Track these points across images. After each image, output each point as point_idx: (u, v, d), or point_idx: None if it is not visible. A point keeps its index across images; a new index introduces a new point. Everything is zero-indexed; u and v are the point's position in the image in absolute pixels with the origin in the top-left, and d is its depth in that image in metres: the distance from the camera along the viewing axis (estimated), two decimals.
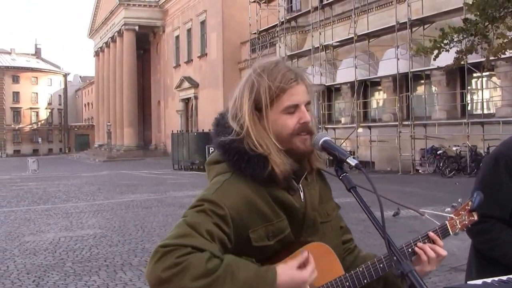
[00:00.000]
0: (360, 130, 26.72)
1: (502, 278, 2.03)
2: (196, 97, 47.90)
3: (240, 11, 39.90)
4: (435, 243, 1.73)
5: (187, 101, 50.19)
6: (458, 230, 1.83)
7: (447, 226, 1.80)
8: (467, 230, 1.85)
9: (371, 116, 27.84)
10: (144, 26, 57.05)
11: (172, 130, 40.29)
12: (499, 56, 16.04)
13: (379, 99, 28.29)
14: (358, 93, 26.47)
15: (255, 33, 36.64)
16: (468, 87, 22.69)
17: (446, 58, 16.84)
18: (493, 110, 21.61)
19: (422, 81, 24.22)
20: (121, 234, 10.28)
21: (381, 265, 1.66)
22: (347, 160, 1.56)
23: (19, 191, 20.46)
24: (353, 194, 1.56)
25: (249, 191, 1.61)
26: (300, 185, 1.70)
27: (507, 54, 16.19)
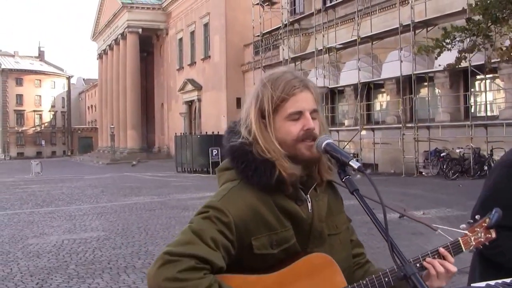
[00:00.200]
0: (364, 133, 26.70)
1: (506, 281, 2.02)
2: (200, 100, 47.93)
3: (244, 14, 39.92)
4: (445, 259, 1.69)
5: (191, 104, 50.24)
6: (473, 247, 1.75)
7: (460, 243, 1.74)
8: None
9: (375, 119, 27.83)
10: (148, 29, 57.17)
11: (176, 133, 40.30)
12: (506, 59, 15.98)
13: (383, 101, 28.25)
14: (362, 95, 26.44)
15: (259, 36, 36.61)
16: (472, 89, 22.63)
17: (449, 59, 16.83)
18: (497, 112, 21.55)
19: (426, 83, 24.17)
20: (125, 237, 10.28)
21: (386, 279, 1.63)
22: (350, 163, 1.56)
23: (23, 194, 20.49)
24: (356, 197, 1.56)
25: (255, 200, 1.62)
26: (308, 196, 1.70)
27: None
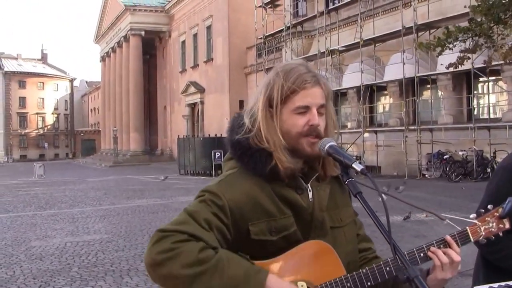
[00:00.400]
0: (366, 135, 26.69)
1: (509, 284, 2.02)
2: (202, 102, 47.95)
3: (246, 16, 39.92)
4: (450, 247, 1.66)
5: (193, 106, 50.26)
6: (482, 238, 1.69)
7: (468, 232, 1.70)
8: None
9: (377, 121, 27.80)
10: (150, 31, 57.21)
11: (178, 135, 40.26)
12: (509, 62, 15.95)
13: (385, 104, 28.23)
14: (364, 98, 26.43)
15: (261, 38, 36.60)
16: (475, 92, 22.62)
17: (452, 60, 16.79)
18: (500, 115, 21.51)
19: (428, 86, 24.14)
20: (128, 239, 10.29)
21: (387, 268, 1.61)
22: (353, 166, 1.55)
23: (26, 196, 20.52)
24: (359, 200, 1.55)
25: (252, 186, 1.64)
26: (309, 185, 1.70)
27: None
